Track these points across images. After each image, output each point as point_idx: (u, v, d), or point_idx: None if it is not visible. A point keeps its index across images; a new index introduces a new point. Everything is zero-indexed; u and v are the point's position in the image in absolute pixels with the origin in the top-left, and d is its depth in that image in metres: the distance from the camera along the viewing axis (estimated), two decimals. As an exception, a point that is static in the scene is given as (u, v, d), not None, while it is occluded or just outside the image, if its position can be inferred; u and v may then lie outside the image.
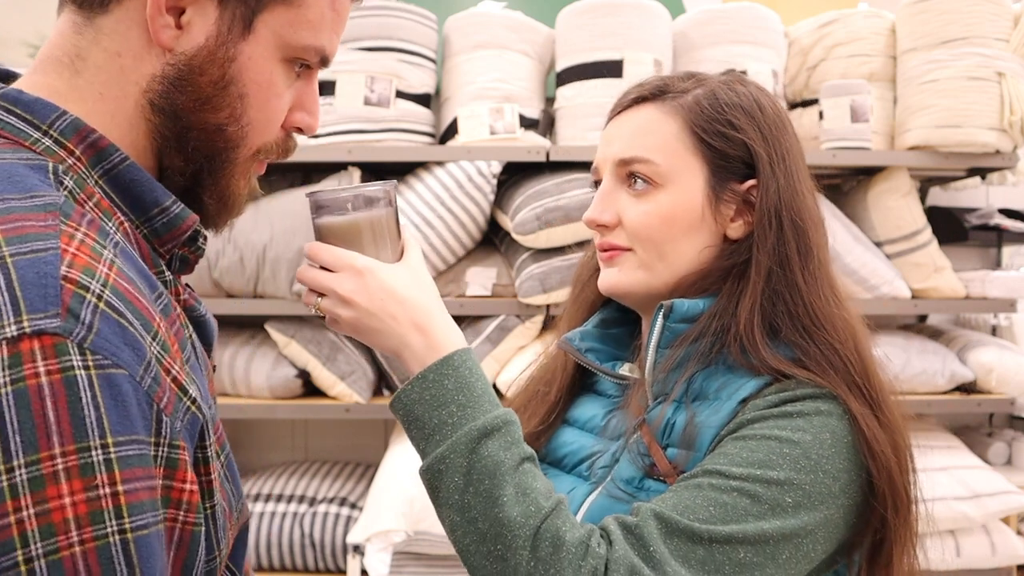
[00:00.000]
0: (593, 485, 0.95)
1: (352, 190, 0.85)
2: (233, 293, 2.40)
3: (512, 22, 2.45)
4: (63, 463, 0.52)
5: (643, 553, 0.78)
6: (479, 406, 0.81)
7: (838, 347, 0.89)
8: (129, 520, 0.54)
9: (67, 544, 0.52)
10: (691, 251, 0.94)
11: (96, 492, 0.53)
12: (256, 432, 2.75)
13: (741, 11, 2.47)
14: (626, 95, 1.00)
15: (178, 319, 0.66)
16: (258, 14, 0.68)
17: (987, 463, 2.45)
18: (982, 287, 2.49)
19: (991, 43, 2.37)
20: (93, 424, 0.53)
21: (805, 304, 0.90)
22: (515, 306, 2.33)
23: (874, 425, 0.86)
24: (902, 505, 0.87)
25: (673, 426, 0.90)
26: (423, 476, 0.82)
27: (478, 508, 0.78)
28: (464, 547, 0.79)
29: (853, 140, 2.39)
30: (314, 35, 0.71)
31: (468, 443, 0.79)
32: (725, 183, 0.94)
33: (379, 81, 2.34)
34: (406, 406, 0.82)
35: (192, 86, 0.67)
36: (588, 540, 0.78)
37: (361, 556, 2.16)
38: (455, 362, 0.83)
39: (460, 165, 2.32)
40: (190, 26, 0.66)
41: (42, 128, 0.64)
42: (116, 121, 0.67)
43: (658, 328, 0.93)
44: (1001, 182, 2.67)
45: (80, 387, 0.53)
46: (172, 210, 0.68)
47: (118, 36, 0.66)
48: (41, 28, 3.06)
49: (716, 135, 0.94)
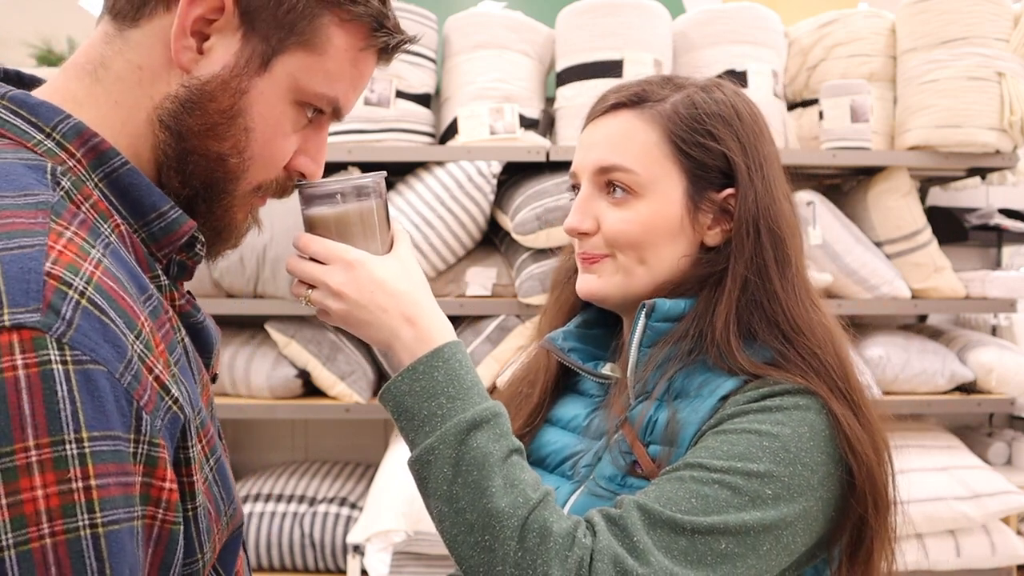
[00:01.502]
0: (576, 484, 0.97)
1: (342, 181, 0.85)
2: (233, 293, 2.40)
3: (512, 22, 2.45)
4: (36, 455, 0.52)
5: (627, 544, 0.79)
6: (468, 398, 0.82)
7: (818, 352, 0.90)
8: (101, 515, 0.54)
9: (37, 536, 0.52)
10: (670, 258, 0.95)
11: (69, 485, 0.53)
12: (256, 432, 2.75)
13: (741, 11, 2.47)
14: (604, 100, 1.00)
15: (168, 322, 0.66)
16: (278, 55, 0.70)
17: (987, 463, 2.45)
18: (982, 287, 2.49)
19: (991, 43, 2.37)
20: (68, 418, 0.53)
21: (784, 311, 0.91)
22: (515, 306, 2.33)
23: (855, 425, 0.87)
24: (882, 503, 0.89)
25: (655, 424, 0.91)
26: (412, 467, 0.82)
27: (466, 499, 0.78)
28: (452, 537, 0.80)
29: (853, 140, 2.39)
30: (329, 85, 0.72)
31: (457, 434, 0.80)
32: (703, 192, 0.95)
33: (379, 81, 2.34)
34: (396, 397, 0.83)
35: (201, 110, 0.68)
36: (574, 531, 0.79)
37: (361, 556, 2.16)
38: (445, 354, 0.83)
39: (460, 165, 2.32)
40: (211, 52, 0.68)
41: (45, 130, 0.65)
42: (126, 130, 0.69)
43: (640, 327, 0.94)
44: (1001, 182, 2.67)
45: (56, 381, 0.53)
46: (170, 215, 0.68)
47: (143, 50, 0.68)
48: (41, 28, 3.06)
49: (695, 145, 0.94)
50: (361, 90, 0.76)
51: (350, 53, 0.73)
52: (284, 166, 0.75)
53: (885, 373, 2.40)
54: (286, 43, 0.69)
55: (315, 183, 0.83)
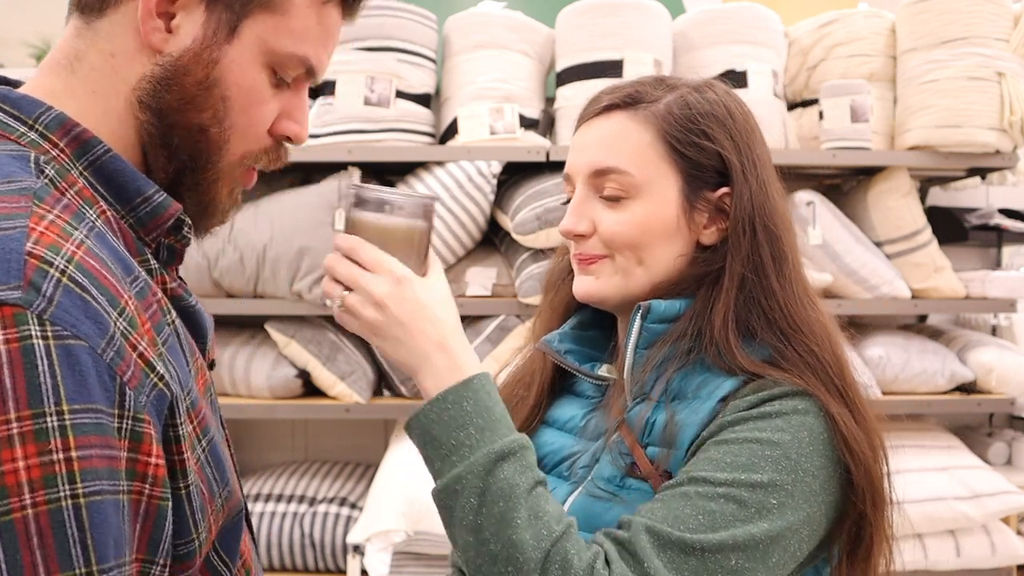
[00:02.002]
0: (574, 485, 0.97)
1: (400, 194, 0.85)
2: (233, 293, 2.40)
3: (512, 22, 2.45)
4: (18, 427, 0.53)
5: (639, 570, 0.79)
6: (497, 429, 0.82)
7: (815, 349, 0.90)
8: (82, 485, 0.55)
9: (19, 506, 0.53)
10: (667, 258, 0.95)
11: (50, 457, 0.54)
12: (256, 432, 2.75)
13: (741, 11, 2.47)
14: (597, 101, 1.00)
15: (157, 304, 0.67)
16: (243, 19, 0.71)
17: (987, 463, 2.45)
18: (982, 287, 2.49)
19: (991, 43, 2.37)
20: (49, 391, 0.54)
21: (781, 308, 0.92)
22: (515, 306, 2.33)
23: (851, 423, 0.88)
24: (880, 499, 0.89)
25: (653, 425, 0.91)
26: (437, 496, 0.83)
27: (491, 529, 0.79)
28: (476, 567, 0.81)
29: (853, 140, 2.39)
30: (296, 44, 0.73)
31: (485, 465, 0.80)
32: (699, 192, 0.95)
33: (379, 81, 2.34)
34: (423, 426, 0.83)
35: (178, 86, 0.70)
36: (594, 563, 0.79)
37: (361, 556, 2.16)
38: (475, 385, 0.83)
39: (460, 165, 2.32)
40: (179, 29, 0.70)
41: (28, 123, 0.67)
42: (107, 118, 0.70)
43: (636, 329, 0.94)
44: (1001, 182, 2.67)
45: (37, 356, 0.54)
46: (155, 199, 0.70)
47: (113, 38, 0.70)
48: (41, 28, 3.06)
49: (690, 145, 0.95)
50: (330, 48, 0.78)
51: (312, 9, 0.74)
52: (269, 132, 0.76)
53: (885, 373, 2.40)
54: (249, 7, 0.71)
55: (374, 187, 0.83)
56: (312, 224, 2.31)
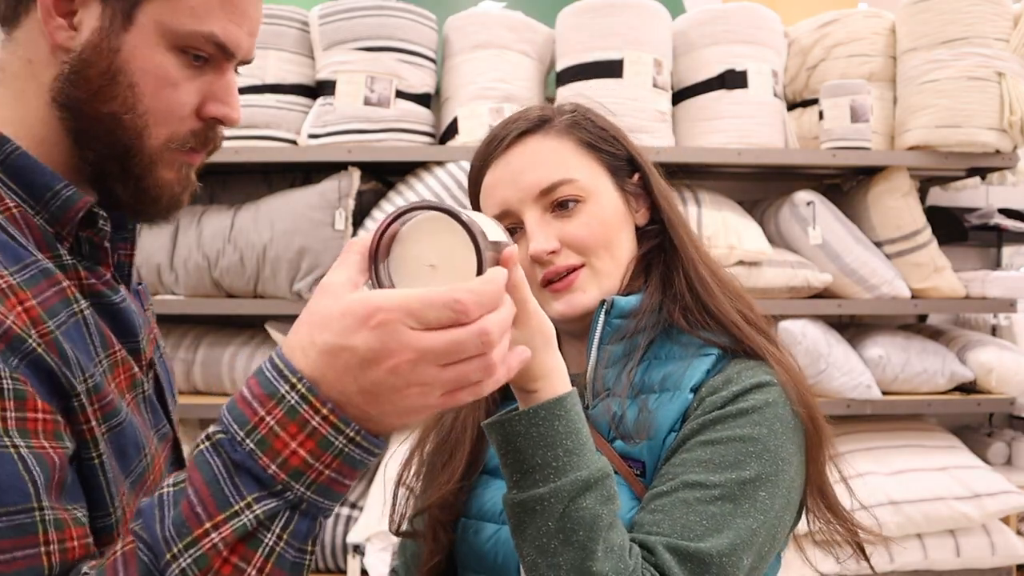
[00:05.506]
0: None
1: (494, 229, 0.77)
2: (233, 293, 2.40)
3: (512, 22, 2.45)
4: None
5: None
6: (583, 455, 0.81)
7: (740, 302, 1.00)
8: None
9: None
10: (628, 244, 1.03)
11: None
12: (256, 432, 2.75)
13: (741, 11, 2.47)
14: (505, 133, 1.03)
15: (56, 292, 0.70)
16: (138, 5, 0.72)
17: (987, 463, 2.45)
18: (982, 287, 2.50)
19: (991, 43, 2.37)
20: None
21: (708, 266, 1.02)
22: (515, 306, 2.33)
23: (789, 382, 0.94)
24: (820, 427, 0.95)
25: (622, 419, 0.93)
26: (511, 507, 0.82)
27: (565, 555, 0.79)
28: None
29: (853, 140, 2.39)
30: (198, 22, 0.73)
31: (571, 492, 0.80)
32: (623, 181, 1.05)
33: (379, 81, 2.34)
34: (507, 436, 0.82)
35: (84, 79, 0.73)
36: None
37: (361, 556, 2.16)
38: (567, 404, 0.82)
39: (460, 165, 2.32)
40: (81, 25, 0.72)
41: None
42: (30, 121, 0.74)
43: (600, 324, 0.98)
44: (1001, 182, 2.67)
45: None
46: (63, 193, 0.73)
47: (28, 45, 0.74)
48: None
49: (604, 142, 1.04)
50: (245, 24, 0.76)
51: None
52: (198, 115, 0.77)
53: (885, 373, 2.40)
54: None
55: (470, 212, 0.74)
56: (312, 224, 2.31)
